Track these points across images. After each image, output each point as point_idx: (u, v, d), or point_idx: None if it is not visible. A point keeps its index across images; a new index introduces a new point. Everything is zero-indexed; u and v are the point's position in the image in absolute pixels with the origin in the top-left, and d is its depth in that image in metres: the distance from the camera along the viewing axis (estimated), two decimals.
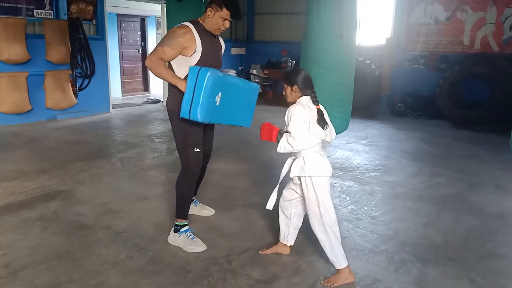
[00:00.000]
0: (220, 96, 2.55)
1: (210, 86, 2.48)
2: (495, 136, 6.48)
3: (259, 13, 10.83)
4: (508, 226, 3.41)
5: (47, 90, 6.73)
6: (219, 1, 2.67)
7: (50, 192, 3.85)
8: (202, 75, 2.48)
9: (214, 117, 2.61)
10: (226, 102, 2.62)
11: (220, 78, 2.56)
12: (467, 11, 7.87)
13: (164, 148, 5.55)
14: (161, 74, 2.68)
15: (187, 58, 2.69)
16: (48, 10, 6.61)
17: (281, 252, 2.83)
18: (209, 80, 2.47)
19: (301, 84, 2.49)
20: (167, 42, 2.65)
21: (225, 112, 2.66)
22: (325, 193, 2.52)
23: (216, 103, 2.55)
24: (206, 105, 2.50)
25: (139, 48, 10.71)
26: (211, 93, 2.50)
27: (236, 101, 2.73)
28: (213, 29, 2.75)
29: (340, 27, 3.60)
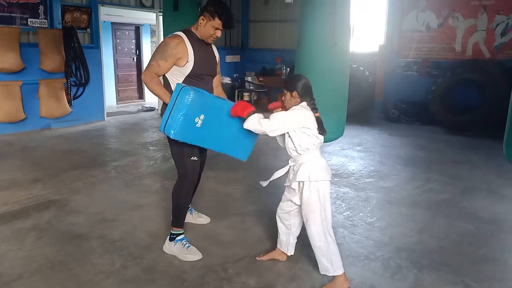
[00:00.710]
0: (202, 118, 2.51)
1: (189, 107, 2.45)
2: (487, 142, 6.54)
3: (253, 20, 10.90)
4: (501, 231, 3.43)
5: (41, 98, 6.72)
6: (212, 11, 2.68)
7: (44, 201, 3.83)
8: (183, 94, 2.46)
9: (191, 138, 2.54)
10: (210, 125, 2.56)
11: (204, 99, 2.52)
12: (459, 18, 7.96)
13: (159, 156, 5.54)
14: (154, 90, 2.68)
15: (180, 68, 2.70)
16: (42, 19, 6.61)
17: (278, 258, 2.83)
18: (190, 98, 2.44)
19: (301, 91, 2.50)
20: (161, 55, 2.66)
21: (210, 136, 2.59)
22: (328, 198, 2.53)
23: (197, 124, 2.50)
24: (182, 124, 2.45)
25: (133, 56, 10.72)
26: (189, 113, 2.46)
27: (226, 128, 2.65)
28: (205, 38, 2.76)
29: (334, 35, 3.64)
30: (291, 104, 2.54)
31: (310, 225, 2.54)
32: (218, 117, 2.60)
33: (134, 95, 10.84)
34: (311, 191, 2.50)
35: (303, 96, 2.51)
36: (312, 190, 2.50)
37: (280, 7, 10.27)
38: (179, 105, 2.46)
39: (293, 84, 2.51)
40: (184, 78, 2.73)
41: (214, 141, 2.64)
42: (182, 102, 2.45)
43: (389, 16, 8.76)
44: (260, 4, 10.63)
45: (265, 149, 5.69)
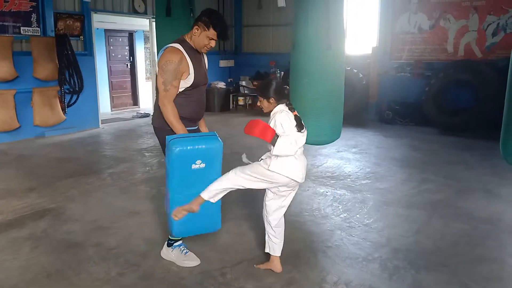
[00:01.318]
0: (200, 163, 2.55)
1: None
2: (481, 142, 6.57)
3: (246, 25, 10.93)
4: (497, 230, 3.44)
5: (35, 107, 6.69)
6: (207, 21, 2.66)
7: (39, 210, 3.80)
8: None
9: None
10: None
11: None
12: (450, 20, 8.02)
13: (154, 162, 5.52)
14: (170, 121, 2.64)
15: (182, 81, 2.70)
16: (35, 27, 6.59)
17: (274, 269, 2.76)
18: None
19: (275, 95, 2.56)
20: (172, 75, 2.61)
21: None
22: (258, 175, 2.55)
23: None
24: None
25: (127, 63, 10.71)
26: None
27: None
28: (199, 47, 2.75)
29: (328, 37, 3.65)
30: (270, 108, 2.61)
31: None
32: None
33: (128, 101, 10.81)
34: (264, 166, 2.52)
35: (279, 99, 2.58)
36: (265, 169, 2.52)
37: (273, 11, 10.31)
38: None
39: (268, 91, 2.57)
40: (183, 90, 2.71)
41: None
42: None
43: (382, 18, 8.82)
44: (253, 9, 10.66)
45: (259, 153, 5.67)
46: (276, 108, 2.58)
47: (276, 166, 2.49)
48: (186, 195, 2.58)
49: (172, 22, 5.47)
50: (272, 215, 2.72)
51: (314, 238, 3.30)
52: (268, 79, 2.78)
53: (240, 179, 2.60)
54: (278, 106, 2.58)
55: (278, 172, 2.50)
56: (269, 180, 2.55)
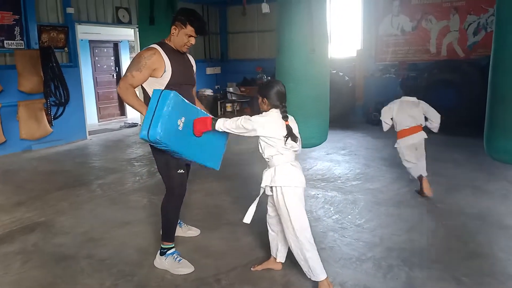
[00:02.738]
0: (183, 121, 2.52)
1: (172, 106, 2.46)
2: (468, 139, 6.67)
3: (231, 32, 10.97)
4: (487, 226, 3.49)
5: (20, 120, 6.60)
6: (182, 19, 2.70)
7: (29, 224, 3.75)
8: (164, 95, 2.47)
9: (174, 141, 2.50)
10: (190, 131, 2.59)
11: (184, 102, 2.56)
12: (432, 21, 8.16)
13: (144, 171, 5.49)
14: (129, 101, 2.66)
15: (158, 79, 2.71)
16: (18, 41, 6.53)
17: (273, 267, 2.81)
18: (172, 100, 2.46)
19: (272, 98, 2.52)
20: (135, 66, 2.66)
21: (188, 141, 2.60)
22: (296, 204, 2.51)
23: (179, 126, 2.51)
24: (167, 124, 2.43)
25: (113, 73, 10.65)
26: (173, 113, 2.46)
27: (201, 137, 2.67)
28: (180, 47, 2.77)
29: (311, 42, 3.69)
30: (263, 109, 2.58)
31: (284, 229, 2.57)
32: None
33: (115, 112, 10.74)
34: (278, 196, 2.52)
35: (274, 103, 2.52)
36: (279, 195, 2.51)
37: (257, 18, 10.38)
38: (161, 107, 2.45)
39: (265, 91, 2.54)
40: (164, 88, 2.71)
41: (191, 148, 2.64)
42: (164, 103, 2.45)
43: (365, 21, 8.93)
44: (237, 15, 10.71)
45: (249, 159, 5.69)
46: (269, 112, 2.53)
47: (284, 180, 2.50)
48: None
49: (156, 30, 5.47)
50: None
51: None
52: (273, 80, 2.74)
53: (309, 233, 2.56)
54: (272, 110, 2.53)
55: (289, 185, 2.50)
56: (299, 194, 2.55)
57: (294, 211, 2.50)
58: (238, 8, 10.51)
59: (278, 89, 2.54)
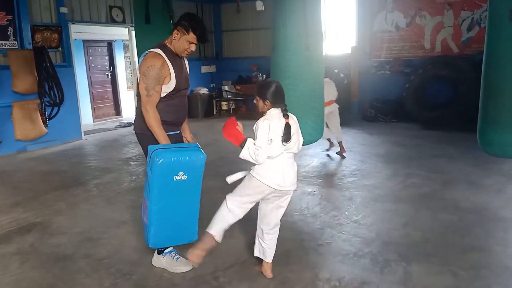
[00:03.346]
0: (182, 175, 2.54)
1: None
2: (462, 134, 6.70)
3: (226, 30, 10.96)
4: (483, 220, 3.52)
5: (15, 121, 6.57)
6: (186, 25, 2.66)
7: (26, 225, 3.74)
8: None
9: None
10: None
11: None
12: (426, 17, 8.19)
13: (140, 170, 5.48)
14: (154, 129, 2.63)
15: (164, 86, 2.69)
16: (12, 41, 6.50)
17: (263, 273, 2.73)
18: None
19: (272, 97, 2.52)
20: (155, 80, 2.61)
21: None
22: (248, 190, 2.59)
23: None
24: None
25: (108, 73, 10.62)
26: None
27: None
28: (179, 51, 2.75)
29: (306, 39, 3.70)
30: (264, 109, 2.58)
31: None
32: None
33: (110, 111, 10.71)
34: (249, 175, 2.60)
35: (275, 102, 2.53)
36: (249, 177, 2.59)
37: (252, 15, 10.37)
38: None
39: (265, 92, 2.54)
40: (165, 95, 2.71)
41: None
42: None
43: (359, 18, 8.94)
44: (232, 13, 10.69)
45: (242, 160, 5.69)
46: (270, 111, 2.54)
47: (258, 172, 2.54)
48: (165, 206, 2.56)
49: (152, 29, 5.47)
50: (263, 219, 2.71)
51: (304, 237, 3.32)
52: (269, 80, 2.73)
53: (236, 205, 2.64)
54: (272, 109, 2.54)
55: (258, 179, 2.53)
56: (260, 191, 2.57)
57: (241, 191, 2.63)
58: (232, 6, 10.50)
59: (277, 88, 2.54)
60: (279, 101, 2.54)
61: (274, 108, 2.54)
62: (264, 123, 2.48)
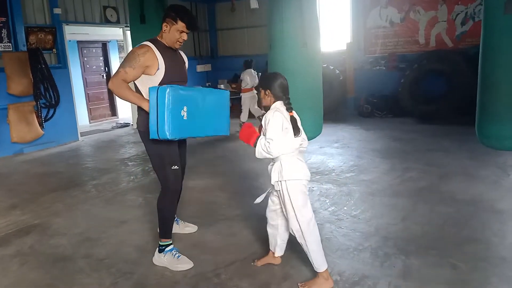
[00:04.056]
0: (186, 110, 2.54)
1: (172, 102, 2.47)
2: (458, 128, 6.75)
3: (220, 28, 10.94)
4: (480, 212, 3.54)
5: (11, 123, 6.54)
6: (173, 15, 2.69)
7: (24, 227, 3.73)
8: (161, 94, 2.47)
9: (184, 132, 2.59)
10: (194, 115, 2.61)
11: (180, 92, 2.56)
12: (420, 11, 8.21)
13: (139, 170, 5.48)
14: (124, 96, 2.65)
15: (151, 76, 2.69)
16: (6, 43, 6.46)
17: (273, 262, 2.81)
18: (170, 96, 2.47)
19: (274, 89, 2.50)
20: (128, 63, 2.65)
21: (196, 124, 2.64)
22: (300, 197, 2.51)
23: (183, 117, 2.54)
24: (173, 121, 2.48)
25: (103, 74, 10.58)
26: (174, 109, 2.49)
27: (205, 111, 2.70)
28: (172, 43, 2.76)
29: (303, 36, 3.70)
30: (266, 102, 2.56)
31: (289, 221, 2.56)
32: (197, 104, 2.65)
33: (106, 112, 10.68)
34: (283, 189, 2.51)
35: (278, 95, 2.51)
36: (284, 189, 2.51)
37: (246, 13, 10.36)
38: (162, 105, 2.46)
39: (268, 83, 2.52)
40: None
41: (200, 127, 2.69)
42: (163, 101, 2.46)
43: (353, 14, 8.96)
44: (226, 12, 10.68)
45: (244, 155, 5.70)
46: (274, 105, 2.53)
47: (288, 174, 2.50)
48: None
49: (147, 28, 5.47)
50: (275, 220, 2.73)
51: None
52: (274, 72, 2.73)
53: (310, 217, 2.54)
54: (276, 103, 2.52)
55: (295, 178, 2.50)
56: (305, 191, 2.54)
57: (298, 204, 2.50)
58: (226, 4, 10.49)
59: (282, 81, 2.53)
60: (282, 93, 2.52)
61: (278, 101, 2.53)
62: (275, 114, 2.46)
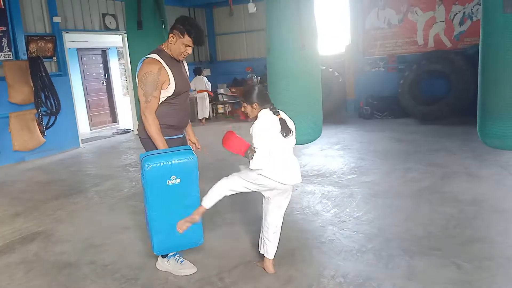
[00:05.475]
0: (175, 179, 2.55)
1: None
2: (459, 128, 6.75)
3: (219, 33, 10.99)
4: (483, 211, 3.54)
5: (13, 132, 6.55)
6: (181, 28, 2.67)
7: (28, 234, 3.73)
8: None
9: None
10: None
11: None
12: (417, 12, 8.24)
13: (140, 176, 5.47)
14: (151, 134, 2.64)
15: (163, 90, 2.70)
16: (6, 52, 6.49)
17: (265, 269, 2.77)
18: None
19: (258, 100, 2.58)
20: (152, 86, 2.62)
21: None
22: (249, 179, 2.59)
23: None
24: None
25: (103, 81, 10.62)
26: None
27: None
28: (176, 55, 2.76)
29: (301, 38, 3.72)
30: (254, 113, 2.62)
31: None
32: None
33: (107, 119, 10.70)
34: (252, 173, 2.58)
35: (262, 104, 2.60)
36: (254, 174, 2.57)
37: (244, 18, 10.40)
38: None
39: (251, 96, 2.59)
40: (166, 99, 2.72)
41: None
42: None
43: (352, 16, 8.99)
44: (224, 17, 10.73)
45: (244, 159, 5.70)
46: (260, 113, 2.59)
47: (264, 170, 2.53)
48: (163, 211, 2.57)
49: (144, 35, 5.46)
50: (267, 218, 2.74)
51: (307, 235, 3.34)
52: (250, 84, 2.79)
53: (234, 183, 2.66)
54: (262, 111, 2.59)
55: (265, 175, 2.53)
56: (259, 183, 2.58)
57: (245, 173, 2.63)
58: (224, 9, 10.54)
59: (260, 89, 2.63)
60: (265, 101, 2.61)
61: (263, 110, 2.59)
62: (259, 123, 2.54)
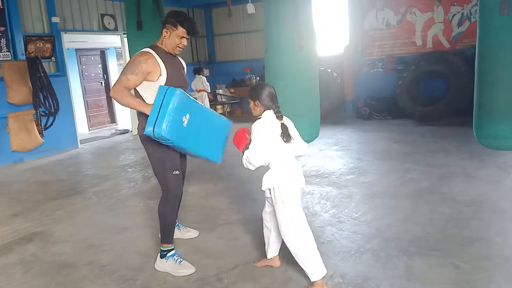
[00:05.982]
0: (188, 117, 2.55)
1: (178, 103, 2.49)
2: (457, 128, 6.76)
3: (218, 34, 10.99)
4: (481, 212, 3.55)
5: (11, 132, 6.55)
6: (173, 21, 2.71)
7: (27, 234, 3.73)
8: (170, 93, 2.50)
9: (178, 137, 2.55)
10: (193, 128, 2.61)
11: (189, 99, 2.60)
12: (416, 13, 8.26)
13: (139, 176, 5.48)
14: (126, 102, 2.66)
15: (154, 83, 2.70)
16: (5, 52, 6.49)
17: (271, 264, 2.83)
18: (177, 97, 2.49)
19: (263, 99, 2.54)
20: (130, 69, 2.66)
21: (192, 137, 2.64)
22: (292, 204, 2.52)
23: (183, 123, 2.54)
24: (172, 122, 2.47)
25: (101, 81, 10.61)
26: (178, 111, 2.50)
27: (205, 129, 2.71)
28: (172, 49, 2.78)
29: (299, 39, 3.73)
30: (256, 112, 2.60)
31: (281, 228, 2.57)
32: (200, 119, 2.67)
33: (106, 119, 10.70)
34: (275, 196, 2.53)
35: (267, 104, 2.55)
36: (277, 195, 2.52)
37: (243, 18, 10.41)
38: (167, 104, 2.47)
39: (256, 94, 2.56)
40: None
41: (195, 143, 2.69)
42: (170, 100, 2.48)
43: (351, 17, 9.00)
44: (223, 17, 10.73)
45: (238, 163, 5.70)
46: (264, 113, 2.56)
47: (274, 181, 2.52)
48: (201, 142, 2.69)
49: (144, 35, 5.46)
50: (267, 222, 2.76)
51: None
52: (261, 83, 2.75)
53: (292, 225, 2.53)
54: (266, 112, 2.56)
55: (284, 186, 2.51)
56: (291, 199, 2.52)
57: (289, 209, 2.51)
58: (223, 10, 10.53)
59: (269, 90, 2.57)
60: (271, 102, 2.55)
61: (267, 110, 2.56)
62: (259, 125, 2.52)
